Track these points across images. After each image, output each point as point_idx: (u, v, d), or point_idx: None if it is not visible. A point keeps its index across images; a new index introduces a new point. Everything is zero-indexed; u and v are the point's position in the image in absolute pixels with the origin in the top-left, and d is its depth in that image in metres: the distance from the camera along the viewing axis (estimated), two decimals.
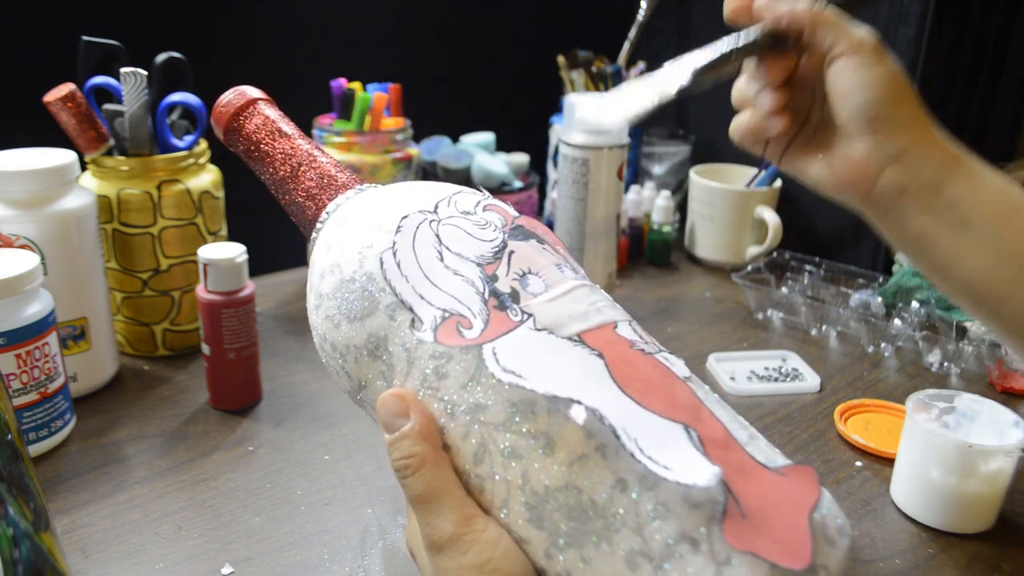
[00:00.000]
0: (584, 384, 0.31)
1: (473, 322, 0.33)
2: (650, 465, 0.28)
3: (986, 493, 0.52)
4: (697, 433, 0.30)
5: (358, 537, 0.50)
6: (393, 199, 0.38)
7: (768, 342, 0.79)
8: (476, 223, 0.37)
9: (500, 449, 0.31)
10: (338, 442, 0.60)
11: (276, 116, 0.43)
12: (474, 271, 0.35)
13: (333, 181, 0.40)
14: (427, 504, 0.31)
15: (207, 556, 0.48)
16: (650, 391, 0.31)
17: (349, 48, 0.96)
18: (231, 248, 0.61)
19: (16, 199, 0.60)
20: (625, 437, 0.29)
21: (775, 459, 0.30)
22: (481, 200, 0.38)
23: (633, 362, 0.32)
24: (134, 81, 0.66)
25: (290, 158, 0.41)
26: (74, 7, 0.76)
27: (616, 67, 1.02)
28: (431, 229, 0.36)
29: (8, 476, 0.36)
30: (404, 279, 0.34)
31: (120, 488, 0.54)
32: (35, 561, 0.36)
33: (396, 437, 0.32)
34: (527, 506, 0.30)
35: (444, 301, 0.34)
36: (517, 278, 0.35)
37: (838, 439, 0.63)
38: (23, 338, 0.54)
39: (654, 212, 0.97)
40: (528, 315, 0.33)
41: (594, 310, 0.34)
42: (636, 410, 0.30)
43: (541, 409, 0.30)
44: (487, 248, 0.36)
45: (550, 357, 0.32)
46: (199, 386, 0.67)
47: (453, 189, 0.38)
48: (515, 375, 0.31)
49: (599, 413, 0.30)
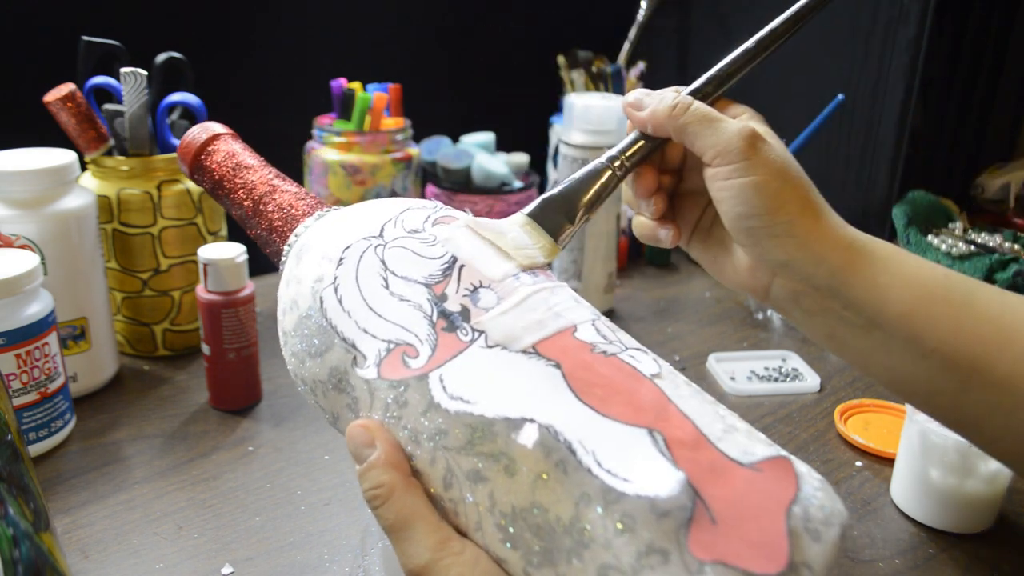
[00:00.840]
0: (538, 399, 0.30)
1: (420, 349, 0.32)
2: (608, 480, 0.27)
3: (986, 493, 0.52)
4: (663, 435, 0.28)
5: (358, 537, 0.50)
6: (342, 226, 0.37)
7: (768, 342, 0.79)
8: (424, 241, 0.35)
9: (465, 473, 0.30)
10: (338, 442, 0.60)
11: (238, 149, 0.42)
12: (422, 293, 0.34)
13: (294, 212, 0.39)
14: (400, 532, 0.31)
15: (207, 556, 0.48)
16: (611, 396, 0.30)
17: (349, 48, 0.96)
18: (231, 248, 0.61)
19: (16, 199, 0.60)
20: (582, 451, 0.28)
21: (753, 451, 0.29)
22: (431, 214, 0.37)
23: (592, 367, 0.31)
24: (134, 81, 0.66)
25: (252, 192, 0.40)
26: (74, 7, 0.76)
27: (616, 67, 1.02)
28: (376, 255, 0.35)
29: (8, 476, 0.36)
30: (346, 315, 0.34)
31: (120, 488, 0.54)
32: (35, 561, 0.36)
33: (364, 468, 0.32)
34: (499, 527, 0.29)
35: (389, 332, 0.33)
36: (468, 294, 0.34)
37: (838, 439, 0.63)
38: (23, 338, 0.54)
39: None
40: (479, 332, 0.32)
41: (551, 316, 0.33)
42: (595, 419, 0.29)
43: (497, 431, 0.29)
44: (435, 266, 0.35)
45: (502, 375, 0.31)
46: (199, 386, 0.67)
47: (402, 206, 0.37)
48: (463, 401, 0.30)
49: (554, 429, 0.29)
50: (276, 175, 0.41)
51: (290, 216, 0.39)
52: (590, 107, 0.78)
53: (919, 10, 0.85)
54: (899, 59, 0.87)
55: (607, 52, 1.07)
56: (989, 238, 0.83)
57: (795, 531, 0.26)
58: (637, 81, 1.06)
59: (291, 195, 0.40)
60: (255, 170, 0.41)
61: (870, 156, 0.92)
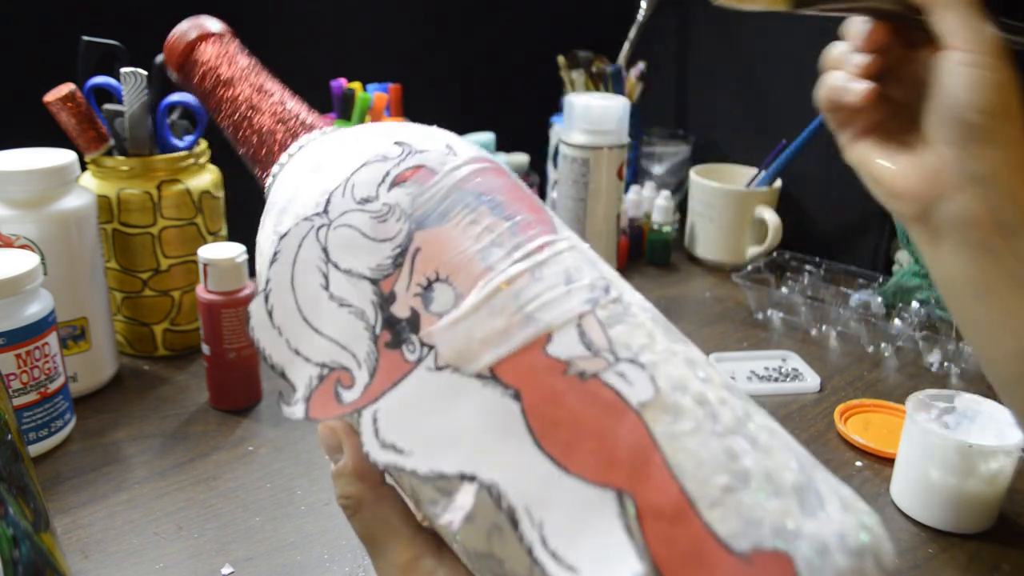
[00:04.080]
0: (487, 446, 0.24)
1: (356, 376, 0.26)
2: (550, 567, 0.23)
3: (986, 493, 0.52)
4: (634, 501, 0.22)
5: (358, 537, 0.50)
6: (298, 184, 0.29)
7: (768, 342, 0.79)
8: (375, 215, 0.27)
9: (427, 499, 0.26)
10: None
11: (217, 58, 0.35)
12: (367, 293, 0.27)
13: (272, 140, 0.33)
14: (370, 546, 0.29)
15: (207, 556, 0.48)
16: (578, 443, 0.23)
17: (349, 48, 0.96)
18: (231, 248, 0.61)
19: (16, 199, 0.60)
20: (527, 524, 0.23)
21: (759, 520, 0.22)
22: (390, 169, 0.28)
23: (561, 399, 0.24)
24: (134, 81, 0.66)
25: (233, 112, 0.34)
26: (74, 7, 0.76)
27: (616, 67, 1.02)
28: (318, 241, 0.27)
29: (8, 476, 0.36)
30: (276, 333, 0.28)
31: (120, 488, 0.54)
32: (35, 561, 0.36)
33: (334, 474, 0.29)
34: (465, 556, 0.26)
35: (324, 352, 0.27)
36: (420, 292, 0.26)
37: (838, 439, 0.63)
38: (23, 338, 0.54)
39: (654, 212, 0.97)
40: (428, 348, 0.25)
41: (520, 320, 0.25)
42: (553, 475, 0.23)
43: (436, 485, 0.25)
44: (386, 252, 0.27)
45: (447, 411, 0.25)
46: (199, 386, 0.67)
47: (358, 161, 0.28)
48: (395, 450, 0.25)
49: (497, 491, 0.24)
50: (258, 88, 0.35)
51: (268, 148, 0.33)
52: (590, 107, 0.78)
53: None
54: None
55: (607, 52, 1.07)
56: None
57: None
58: (637, 81, 1.06)
59: (271, 117, 0.34)
60: (236, 83, 0.34)
61: None
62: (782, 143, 0.92)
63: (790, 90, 0.99)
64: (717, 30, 1.06)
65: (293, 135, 0.33)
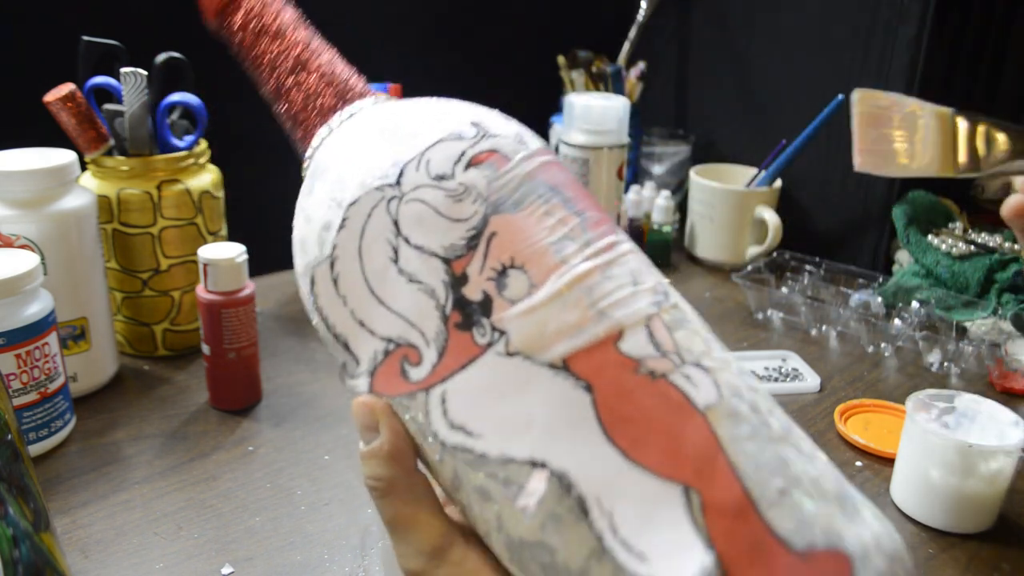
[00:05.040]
0: (558, 434, 0.24)
1: (424, 354, 0.26)
2: (620, 555, 0.23)
3: (986, 493, 0.52)
4: (700, 498, 0.23)
5: (358, 537, 0.50)
6: (362, 152, 0.29)
7: (768, 342, 0.79)
8: (451, 193, 0.27)
9: (473, 486, 0.26)
10: (338, 442, 0.60)
11: (260, 6, 0.33)
12: (438, 272, 0.26)
13: (320, 103, 0.32)
14: (396, 531, 0.29)
15: (207, 556, 0.48)
16: (647, 438, 0.24)
17: (349, 48, 0.95)
18: (231, 248, 0.61)
19: (16, 199, 0.60)
20: (597, 512, 0.24)
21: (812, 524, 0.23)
22: (466, 149, 0.28)
23: (632, 395, 0.25)
24: (134, 81, 0.66)
25: (275, 69, 0.33)
26: (74, 7, 0.76)
27: (616, 67, 1.02)
28: (389, 214, 0.27)
29: (8, 476, 0.36)
30: (341, 302, 0.27)
31: (120, 488, 0.54)
32: (35, 561, 0.36)
33: (366, 453, 0.29)
34: (506, 547, 0.26)
35: (391, 327, 0.27)
36: (494, 276, 0.26)
37: (838, 439, 0.63)
38: (23, 338, 0.54)
39: (654, 212, 0.97)
40: (500, 333, 0.26)
41: (593, 315, 0.26)
42: (622, 467, 0.24)
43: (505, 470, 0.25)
44: (460, 232, 0.26)
45: (518, 397, 0.25)
46: (199, 386, 0.67)
47: (433, 136, 0.28)
48: (464, 432, 0.26)
49: (567, 480, 0.24)
50: (307, 44, 0.33)
51: (315, 108, 0.32)
52: (590, 107, 0.78)
53: (919, 10, 0.85)
54: (899, 59, 0.87)
55: (607, 52, 1.07)
56: (989, 238, 0.83)
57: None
58: (637, 81, 1.06)
59: (319, 78, 0.32)
60: (281, 36, 0.33)
61: None
62: (782, 143, 0.92)
63: (790, 90, 0.99)
64: (717, 30, 1.06)
65: (343, 99, 0.32)
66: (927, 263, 0.82)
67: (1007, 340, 0.72)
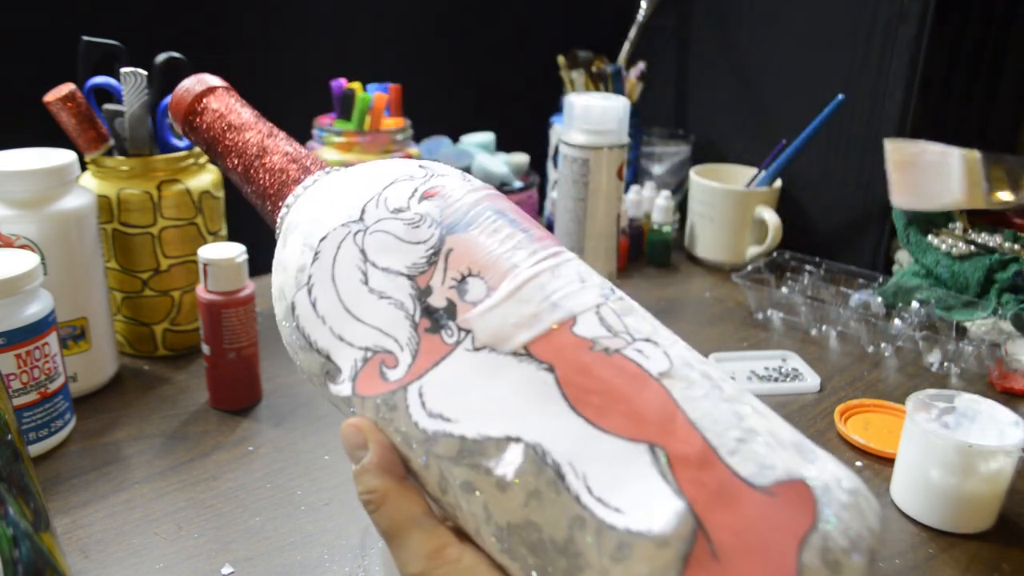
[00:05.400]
0: (527, 412, 0.27)
1: (399, 357, 0.30)
2: (598, 510, 0.25)
3: (986, 493, 0.52)
4: (666, 452, 0.26)
5: (358, 537, 0.50)
6: (324, 205, 0.33)
7: (768, 342, 0.79)
8: (408, 222, 0.31)
9: (458, 483, 0.28)
10: (338, 442, 0.60)
11: (231, 105, 0.39)
12: (404, 287, 0.30)
13: (284, 177, 0.36)
14: (394, 539, 0.30)
15: (207, 556, 0.48)
16: (609, 406, 0.27)
17: (349, 48, 0.96)
18: (231, 248, 0.61)
19: (16, 199, 0.60)
20: (572, 476, 0.26)
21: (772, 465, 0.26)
22: (418, 187, 0.32)
23: (590, 370, 0.28)
24: (134, 81, 0.66)
25: (243, 155, 0.37)
26: (74, 7, 0.76)
27: (616, 67, 1.02)
28: (356, 244, 0.31)
29: (8, 476, 0.36)
30: (320, 321, 0.31)
31: (120, 488, 0.54)
32: (35, 561, 0.36)
33: (357, 471, 0.30)
34: (496, 537, 0.28)
35: (367, 337, 0.30)
36: (455, 284, 0.30)
37: (838, 439, 0.63)
38: (23, 338, 0.54)
39: (654, 212, 0.97)
40: (465, 332, 0.29)
41: (547, 307, 0.29)
42: (590, 434, 0.26)
43: (481, 448, 0.28)
44: (420, 252, 0.31)
45: (488, 385, 0.28)
46: (199, 386, 0.67)
47: (387, 180, 0.33)
48: (442, 419, 0.28)
49: (541, 448, 0.26)
50: (268, 134, 0.38)
51: (280, 182, 0.36)
52: (590, 107, 0.78)
53: (919, 10, 0.85)
54: (899, 59, 0.87)
55: (607, 52, 1.07)
56: (989, 238, 0.83)
57: (809, 567, 0.24)
58: (637, 81, 1.06)
59: (282, 157, 0.37)
60: (246, 128, 0.38)
61: (870, 156, 0.91)
62: (782, 143, 0.92)
63: (790, 90, 0.99)
64: (717, 30, 1.06)
65: (305, 171, 0.37)
66: (927, 263, 0.82)
67: (1007, 340, 0.72)
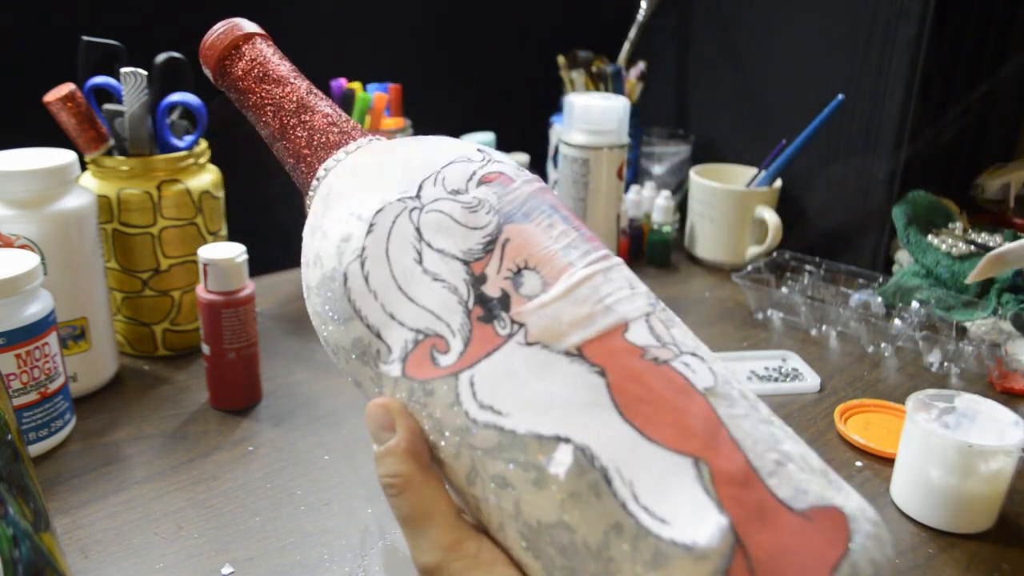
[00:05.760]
0: (576, 413, 0.27)
1: (451, 343, 0.29)
2: (643, 519, 0.25)
3: (986, 493, 0.52)
4: (709, 468, 0.26)
5: (358, 537, 0.50)
6: (377, 175, 0.32)
7: (768, 342, 0.79)
8: (466, 205, 0.31)
9: (491, 476, 0.28)
10: (338, 442, 0.60)
11: (268, 55, 0.37)
12: (459, 272, 0.30)
13: (325, 140, 0.35)
14: (412, 527, 0.29)
15: (207, 556, 0.48)
16: (657, 416, 0.27)
17: (349, 48, 0.96)
18: (231, 248, 0.61)
19: (16, 199, 0.60)
20: (619, 482, 0.26)
21: (806, 490, 0.26)
22: (476, 170, 0.32)
23: (641, 378, 0.27)
24: (134, 81, 0.66)
25: (280, 109, 0.36)
26: (74, 7, 0.76)
27: (616, 67, 1.02)
28: (411, 221, 0.30)
29: (8, 476, 0.36)
30: (372, 296, 0.30)
31: (120, 488, 0.54)
32: (35, 561, 0.36)
33: (381, 452, 0.30)
34: (522, 535, 0.27)
35: (419, 319, 0.30)
36: (510, 276, 0.29)
37: (838, 439, 0.63)
38: (23, 338, 0.54)
39: (654, 212, 0.97)
40: (519, 326, 0.29)
41: (601, 309, 0.29)
42: (637, 442, 0.26)
43: (527, 444, 0.27)
44: (476, 238, 0.30)
45: (539, 381, 0.28)
46: (199, 386, 0.67)
47: (445, 159, 0.32)
48: (492, 411, 0.28)
49: (590, 452, 0.26)
50: (309, 90, 0.36)
51: (320, 144, 0.35)
52: (590, 107, 0.78)
53: (919, 10, 0.85)
54: (899, 59, 0.87)
55: (607, 52, 1.07)
56: (989, 238, 0.83)
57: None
58: (637, 81, 1.06)
59: (323, 118, 0.35)
60: (284, 83, 0.36)
61: (870, 156, 0.92)
62: (782, 143, 0.92)
63: (790, 90, 0.99)
64: (717, 30, 1.06)
65: (346, 135, 0.35)
66: (927, 263, 0.82)
67: (1007, 340, 0.72)
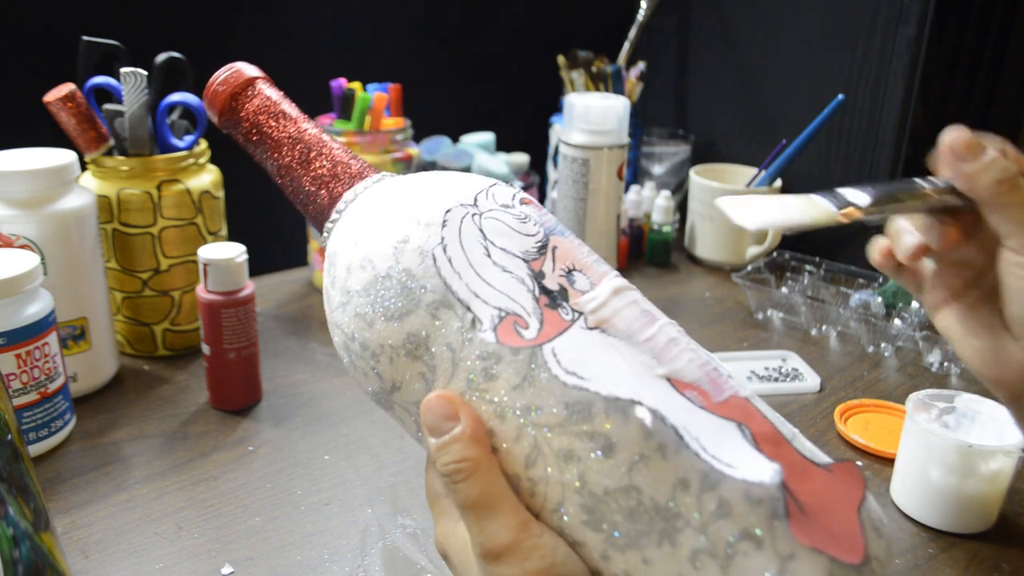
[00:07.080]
0: (643, 384, 0.30)
1: (529, 321, 0.32)
2: (715, 464, 0.29)
3: (986, 493, 0.52)
4: (751, 431, 0.30)
5: (358, 537, 0.50)
6: (425, 190, 0.36)
7: (768, 342, 0.79)
8: (517, 217, 0.35)
9: (555, 451, 0.30)
10: (338, 442, 0.60)
11: (278, 97, 0.40)
12: (522, 267, 0.33)
13: (347, 168, 0.38)
14: (481, 510, 0.30)
15: (207, 556, 0.48)
16: (703, 394, 0.31)
17: (349, 48, 0.96)
18: (231, 248, 0.61)
19: (16, 199, 0.60)
20: (688, 437, 0.29)
21: (817, 456, 0.31)
22: (516, 193, 0.37)
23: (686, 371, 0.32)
24: (134, 81, 0.66)
25: (297, 143, 0.39)
26: (74, 7, 0.76)
27: (616, 67, 1.02)
28: (474, 223, 0.34)
29: (8, 476, 0.36)
30: (458, 276, 0.33)
31: (120, 488, 0.54)
32: (35, 561, 0.36)
33: (445, 441, 0.31)
34: (584, 508, 0.30)
35: (498, 299, 0.33)
36: (563, 275, 0.34)
37: (838, 439, 0.63)
38: (23, 338, 0.54)
39: (654, 212, 0.97)
40: (579, 313, 0.32)
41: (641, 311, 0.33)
42: (693, 410, 0.30)
43: (600, 410, 0.30)
44: (531, 243, 0.34)
45: (606, 357, 0.31)
46: (199, 386, 0.67)
47: (487, 181, 0.37)
48: (577, 376, 0.31)
49: (660, 413, 0.30)
50: (320, 128, 0.40)
51: (343, 172, 0.38)
52: (590, 107, 0.78)
53: (919, 10, 0.85)
54: (899, 59, 0.87)
55: (607, 52, 1.07)
56: None
57: (866, 527, 0.29)
58: (637, 81, 1.06)
59: (341, 150, 0.39)
60: (297, 121, 0.40)
61: (870, 156, 0.92)
62: (782, 143, 0.92)
63: (790, 90, 0.99)
64: (717, 30, 1.06)
65: (366, 167, 0.39)
66: None
67: None
